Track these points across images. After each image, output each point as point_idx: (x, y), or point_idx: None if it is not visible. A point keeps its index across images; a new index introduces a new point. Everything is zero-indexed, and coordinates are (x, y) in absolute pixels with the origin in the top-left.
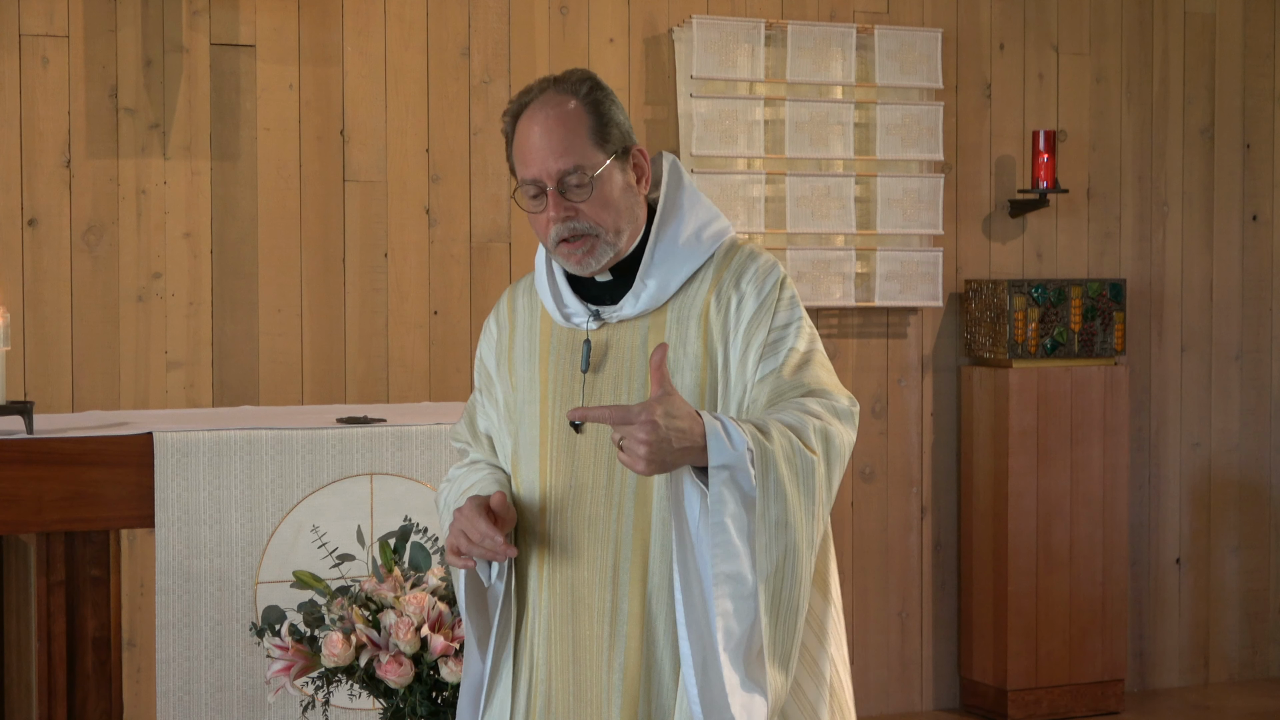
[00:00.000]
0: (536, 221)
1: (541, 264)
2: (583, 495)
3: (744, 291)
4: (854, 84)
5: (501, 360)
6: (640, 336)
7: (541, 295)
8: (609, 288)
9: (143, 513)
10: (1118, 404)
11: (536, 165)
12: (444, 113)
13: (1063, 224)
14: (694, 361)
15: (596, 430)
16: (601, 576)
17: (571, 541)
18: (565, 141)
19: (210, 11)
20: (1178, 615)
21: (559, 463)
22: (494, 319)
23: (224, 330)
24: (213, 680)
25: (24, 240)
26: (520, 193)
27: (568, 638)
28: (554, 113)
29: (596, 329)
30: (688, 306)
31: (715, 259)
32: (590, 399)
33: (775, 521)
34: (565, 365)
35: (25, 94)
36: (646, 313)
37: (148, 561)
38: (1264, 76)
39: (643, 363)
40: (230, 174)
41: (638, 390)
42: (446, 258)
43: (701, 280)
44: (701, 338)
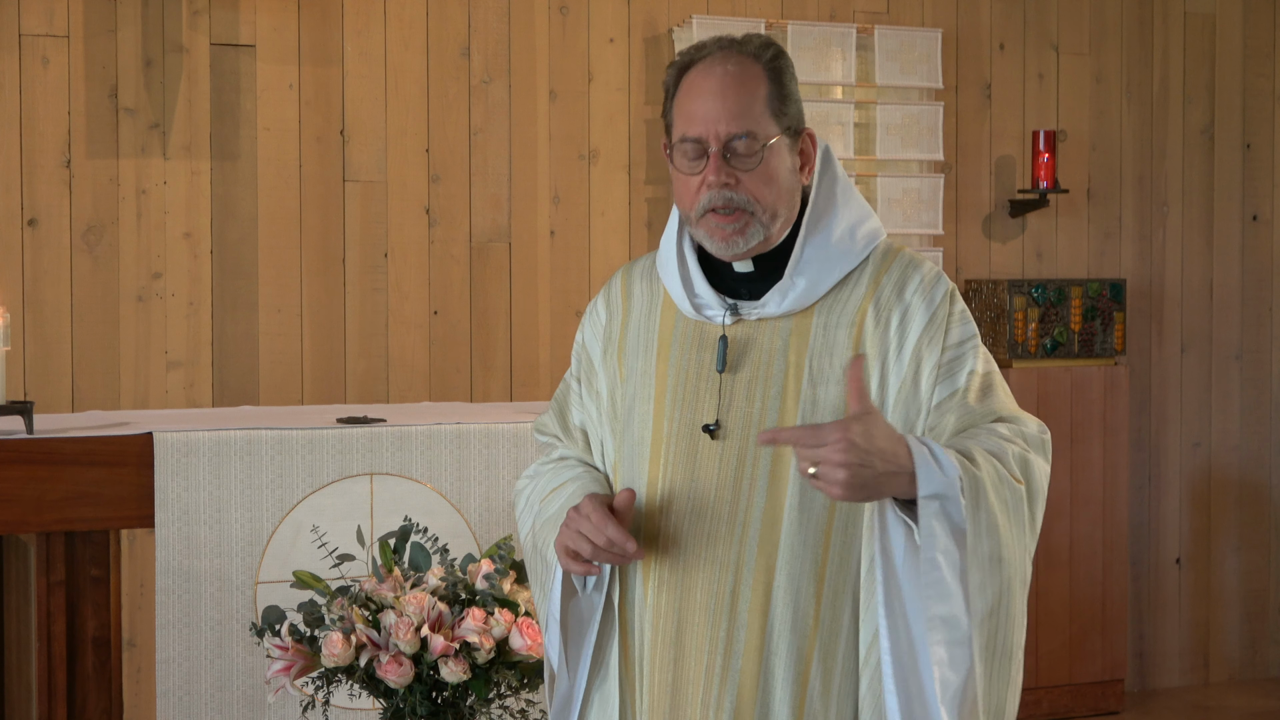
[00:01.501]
0: (686, 185)
1: (671, 245)
2: (702, 509)
3: (909, 304)
4: (854, 84)
5: (610, 348)
6: (781, 338)
7: (667, 281)
8: (747, 280)
9: (143, 513)
10: (1118, 404)
11: (703, 123)
12: (444, 113)
13: (1063, 224)
14: (842, 374)
15: (731, 437)
16: (716, 604)
17: (684, 561)
18: (741, 104)
19: (210, 11)
20: (1178, 615)
21: (675, 469)
22: (603, 301)
23: (224, 330)
24: (213, 680)
25: (24, 240)
26: (676, 150)
27: (668, 667)
28: (734, 70)
29: (731, 325)
30: (837, 312)
31: (870, 263)
32: (723, 401)
33: (988, 556)
34: (690, 361)
35: (25, 94)
36: (791, 313)
37: (148, 561)
38: (1264, 76)
39: (781, 367)
40: (230, 174)
41: (773, 398)
42: (446, 258)
43: (854, 285)
44: (853, 348)
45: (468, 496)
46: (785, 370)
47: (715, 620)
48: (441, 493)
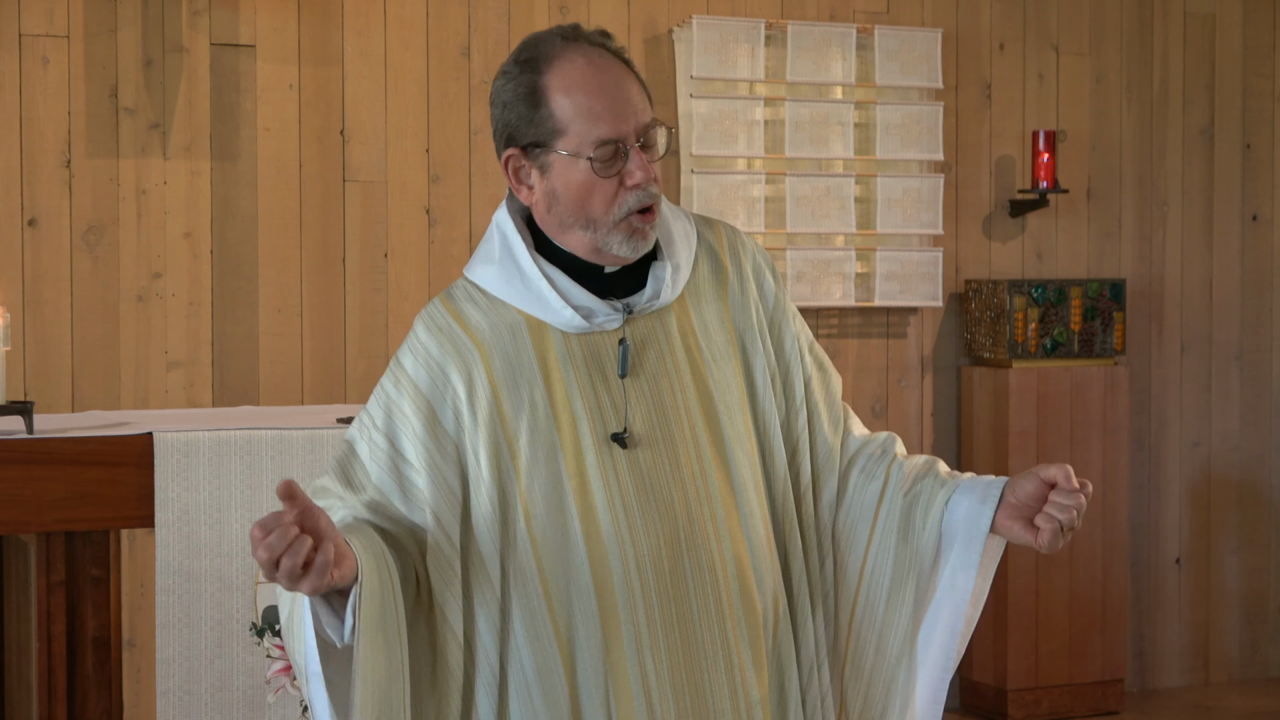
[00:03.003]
0: (599, 187)
1: (523, 264)
2: (672, 520)
3: (761, 273)
4: (854, 84)
5: (474, 397)
6: (672, 326)
7: (520, 299)
8: (616, 279)
9: (143, 513)
10: (1118, 404)
11: (618, 120)
12: (444, 113)
13: (1063, 224)
14: (726, 348)
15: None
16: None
17: (671, 581)
18: (638, 92)
19: (210, 11)
20: (1178, 615)
21: (621, 491)
22: (437, 349)
23: (224, 330)
24: (213, 680)
25: (24, 240)
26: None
27: (682, 686)
28: (613, 59)
29: (625, 327)
30: (701, 291)
31: (702, 236)
32: (640, 407)
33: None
34: (586, 376)
35: (25, 94)
36: (668, 301)
37: (148, 561)
38: (1264, 76)
39: (682, 355)
40: (230, 174)
41: (689, 386)
42: (446, 258)
43: (701, 260)
44: (726, 322)
45: None
46: (690, 355)
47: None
48: None
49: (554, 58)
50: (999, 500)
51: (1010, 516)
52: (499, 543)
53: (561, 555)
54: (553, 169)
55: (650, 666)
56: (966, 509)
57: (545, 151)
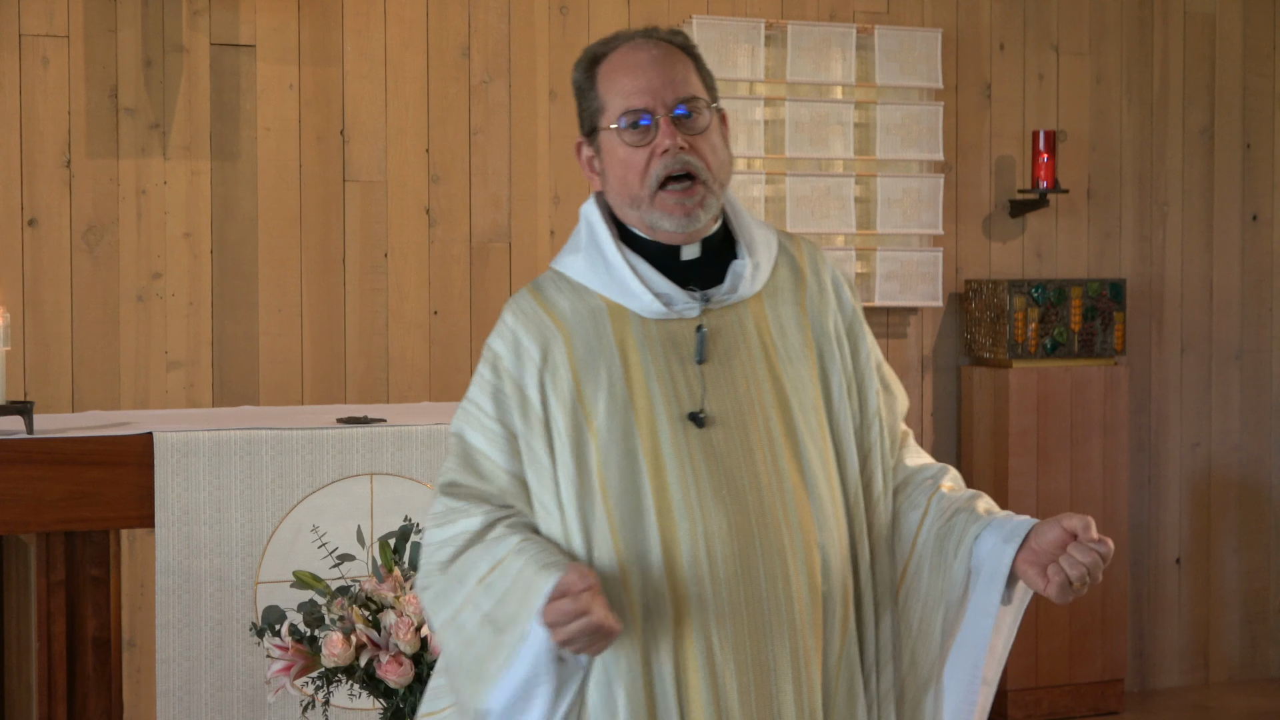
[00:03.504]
0: (632, 163)
1: (607, 251)
2: (744, 501)
3: (840, 287)
4: (854, 84)
5: (556, 377)
6: (749, 321)
7: (604, 286)
8: (693, 269)
9: (143, 513)
10: (1118, 404)
11: (647, 94)
12: (444, 113)
13: (1063, 224)
14: (803, 349)
15: (724, 424)
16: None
17: (741, 560)
18: (679, 74)
19: (210, 11)
20: (1178, 615)
21: (694, 470)
22: (526, 333)
23: (224, 330)
24: (213, 680)
25: (24, 240)
26: (608, 133)
27: (746, 666)
28: (662, 47)
29: (703, 315)
30: (779, 294)
31: (783, 246)
32: (715, 392)
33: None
34: (664, 361)
35: (25, 94)
36: (746, 297)
37: (148, 561)
38: (1264, 76)
39: (757, 348)
40: (230, 174)
41: (764, 379)
42: (446, 258)
43: (781, 266)
44: (804, 326)
45: None
46: (765, 350)
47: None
48: None
49: (610, 50)
50: (1022, 542)
51: (1028, 560)
52: (579, 518)
53: (635, 529)
54: (603, 150)
55: (716, 642)
56: (991, 546)
57: (596, 134)
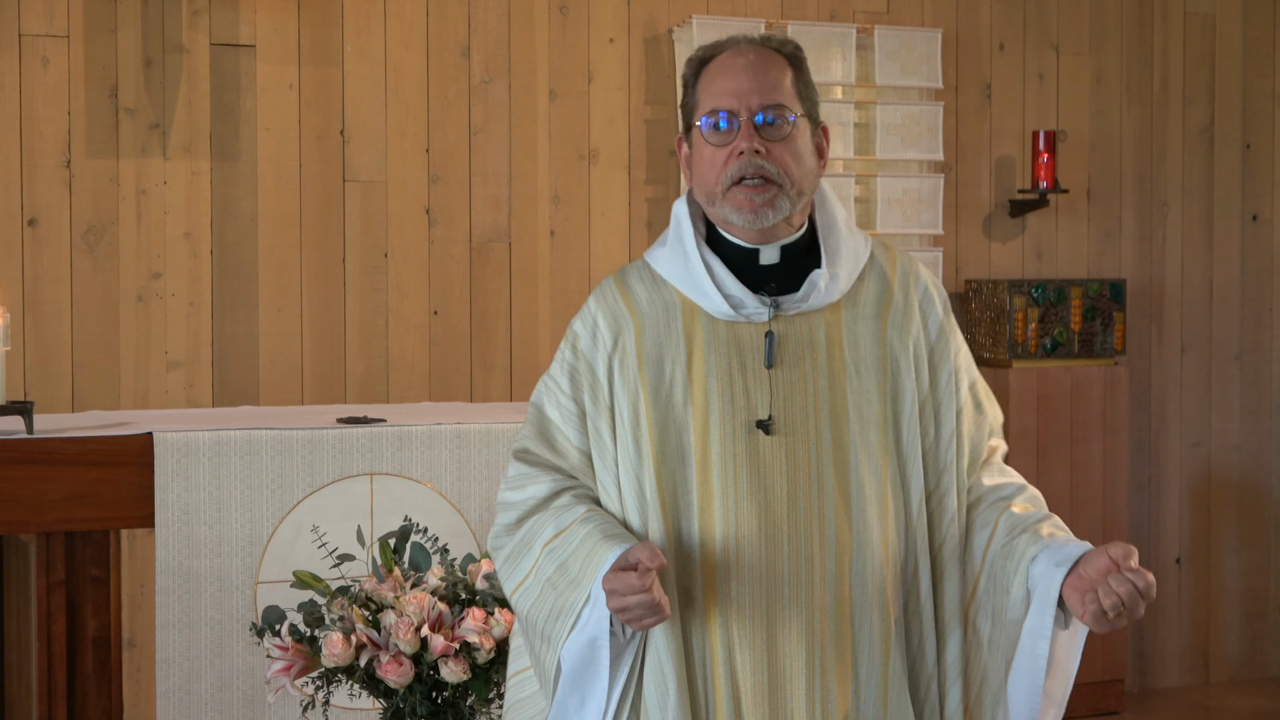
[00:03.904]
0: (712, 160)
1: (689, 248)
2: (775, 506)
3: (924, 304)
4: (854, 84)
5: (626, 361)
6: (818, 331)
7: (682, 283)
8: (772, 274)
9: (143, 513)
10: (1118, 404)
11: (734, 96)
12: (444, 113)
13: (1063, 224)
14: (876, 368)
15: (787, 431)
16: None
17: (766, 562)
18: (770, 80)
19: (210, 11)
20: (1178, 615)
21: (736, 471)
22: (603, 316)
23: (224, 330)
24: (213, 680)
25: (24, 240)
26: (695, 130)
27: (762, 669)
28: (761, 54)
29: (772, 321)
30: (861, 303)
31: (876, 257)
32: (775, 398)
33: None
34: (728, 362)
35: (25, 94)
36: (825, 306)
37: (148, 561)
38: (1264, 76)
39: (825, 358)
40: (230, 174)
41: (824, 388)
42: (446, 258)
43: (869, 278)
44: (881, 341)
45: (468, 496)
46: (831, 361)
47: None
48: (441, 493)
49: (716, 53)
50: (1072, 566)
51: (1073, 586)
52: (636, 501)
53: (680, 520)
54: (694, 147)
55: (735, 640)
56: (1043, 568)
57: (690, 131)
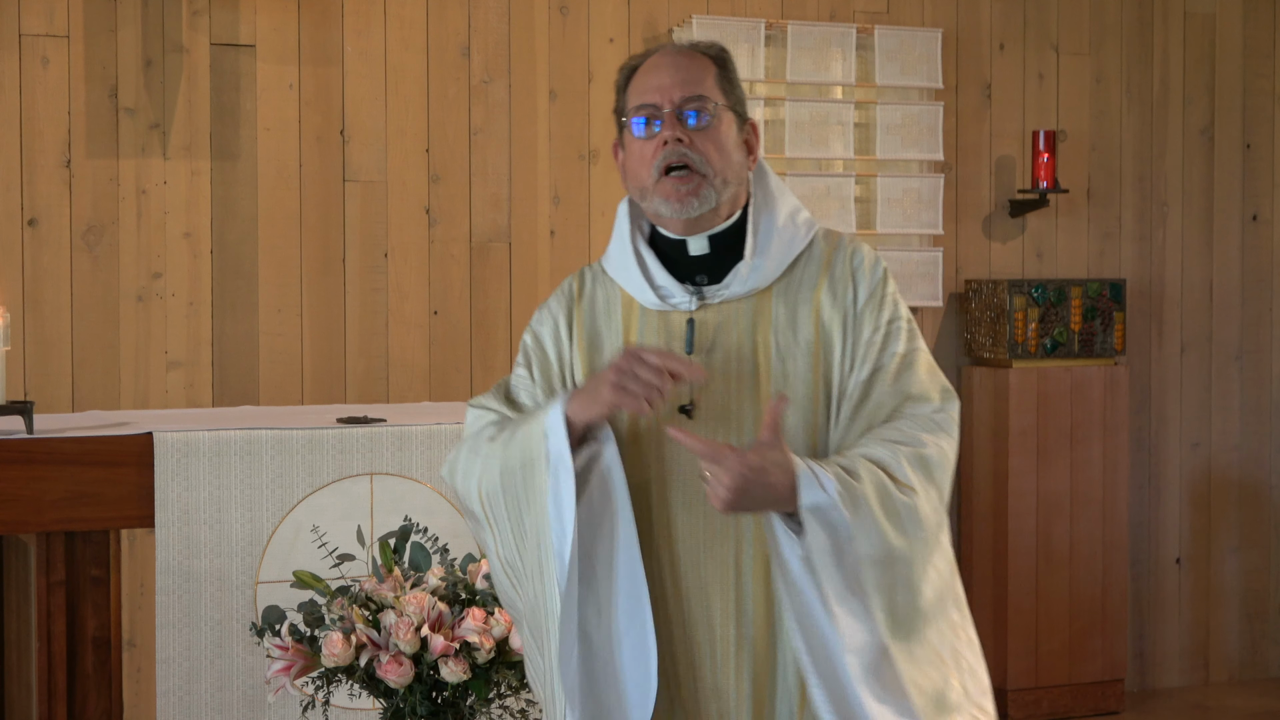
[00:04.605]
0: (640, 155)
1: (625, 243)
2: (695, 485)
3: (856, 282)
4: (854, 84)
5: (571, 347)
6: (747, 318)
7: (621, 277)
8: (702, 265)
9: (143, 513)
10: (1118, 404)
11: (657, 91)
12: (444, 113)
13: (1063, 224)
14: (807, 349)
15: (709, 416)
16: (724, 574)
17: (687, 538)
18: (692, 75)
19: (210, 11)
20: (1178, 615)
21: (658, 452)
22: (557, 303)
23: (224, 330)
24: (213, 680)
25: (24, 240)
26: (626, 129)
27: (694, 641)
28: (685, 54)
29: (697, 309)
30: (794, 292)
31: (817, 245)
32: (696, 383)
33: (876, 557)
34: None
35: (25, 94)
36: (752, 293)
37: (148, 561)
38: (1264, 76)
39: (750, 345)
40: (230, 174)
41: (748, 375)
42: (446, 258)
43: (806, 265)
44: (814, 326)
45: None
46: (754, 348)
47: (724, 592)
48: (441, 493)
49: (646, 57)
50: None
51: None
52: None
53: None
54: (625, 145)
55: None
56: None
57: (621, 130)
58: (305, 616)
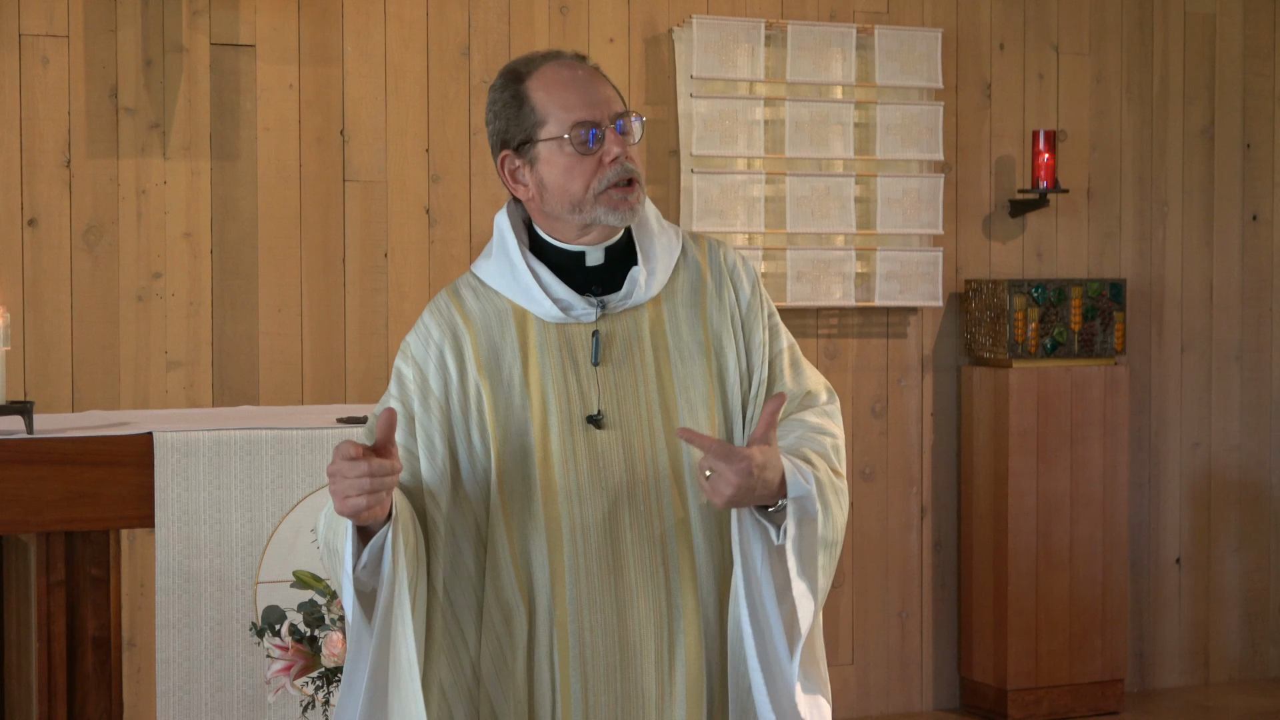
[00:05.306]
0: (580, 169)
1: (515, 258)
2: (617, 495)
3: (735, 282)
4: (854, 84)
5: (465, 372)
6: (643, 325)
7: (510, 290)
8: (597, 275)
9: (143, 513)
10: (1118, 404)
11: (592, 107)
12: (444, 113)
13: (1063, 224)
14: (700, 350)
15: (622, 424)
16: (653, 577)
17: (611, 547)
18: (611, 88)
19: (210, 11)
20: (1178, 615)
21: (576, 465)
22: (434, 329)
23: (224, 330)
24: (213, 680)
25: (24, 240)
26: (551, 144)
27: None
28: (586, 67)
29: (599, 320)
30: (679, 293)
31: (687, 249)
32: (606, 393)
33: (829, 541)
34: (560, 362)
35: (25, 94)
36: (643, 301)
37: (148, 561)
38: (1264, 76)
39: (651, 351)
40: (230, 174)
41: (651, 379)
42: (446, 258)
43: (683, 268)
44: (703, 326)
45: None
46: (656, 352)
47: (655, 593)
48: None
49: (533, 69)
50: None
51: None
52: (483, 506)
53: (525, 516)
54: (540, 159)
55: (587, 627)
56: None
57: (532, 145)
58: (305, 616)
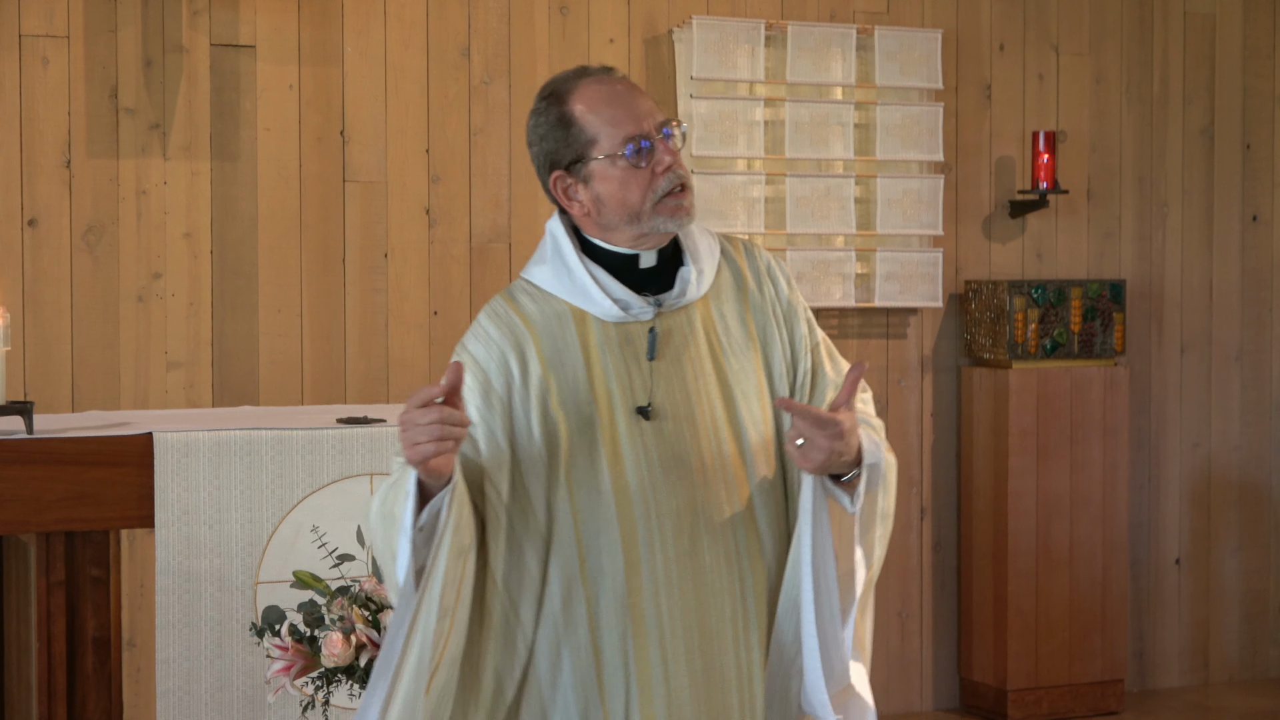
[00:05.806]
0: (636, 182)
1: (571, 262)
2: (688, 481)
3: (776, 279)
4: (854, 84)
5: (523, 372)
6: (697, 321)
7: (570, 293)
8: (648, 277)
9: (143, 513)
10: (1118, 404)
11: (638, 120)
12: (444, 113)
13: (1063, 224)
14: (747, 343)
15: (674, 416)
16: (728, 559)
17: (688, 532)
18: (649, 99)
19: (210, 11)
20: (1178, 615)
21: (647, 455)
22: (495, 331)
23: (224, 330)
24: (213, 680)
25: (24, 240)
26: (605, 161)
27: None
28: (625, 81)
29: (655, 318)
30: (723, 293)
31: (725, 250)
32: (667, 385)
33: (885, 513)
34: (619, 359)
35: (25, 94)
36: (694, 299)
37: (148, 561)
38: (1264, 76)
39: (705, 346)
40: (230, 174)
41: (710, 373)
42: (446, 258)
43: (724, 268)
44: (748, 321)
45: None
46: (710, 347)
47: (730, 574)
48: None
49: (571, 89)
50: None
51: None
52: (545, 498)
53: (594, 511)
54: (594, 177)
55: (665, 610)
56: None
57: (584, 164)
58: (305, 616)
